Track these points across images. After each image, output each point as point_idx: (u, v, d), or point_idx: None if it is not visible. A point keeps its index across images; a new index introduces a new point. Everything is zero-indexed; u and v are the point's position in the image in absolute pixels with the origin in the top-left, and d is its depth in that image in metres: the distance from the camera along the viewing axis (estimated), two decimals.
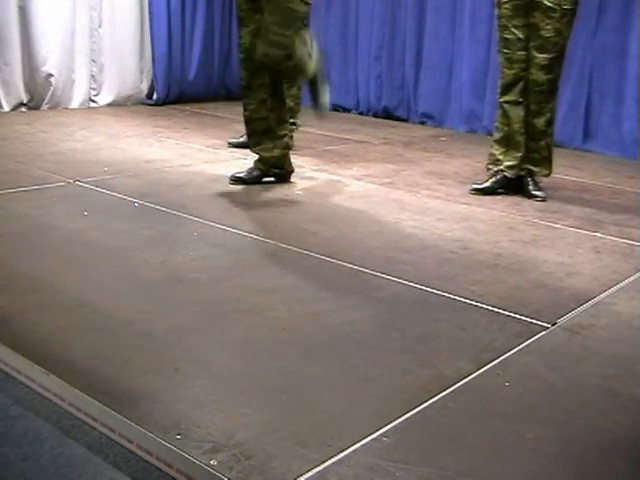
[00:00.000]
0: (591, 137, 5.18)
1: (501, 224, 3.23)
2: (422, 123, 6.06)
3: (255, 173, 3.72)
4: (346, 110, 6.49)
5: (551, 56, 3.48)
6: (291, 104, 4.52)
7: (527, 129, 3.63)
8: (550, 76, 3.52)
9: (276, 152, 3.69)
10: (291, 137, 4.59)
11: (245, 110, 3.68)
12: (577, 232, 3.15)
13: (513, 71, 3.56)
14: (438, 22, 5.89)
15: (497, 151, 3.70)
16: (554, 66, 3.52)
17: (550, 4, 3.41)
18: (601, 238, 3.08)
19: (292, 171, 3.80)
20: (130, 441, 1.50)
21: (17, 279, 2.34)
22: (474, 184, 3.75)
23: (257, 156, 3.73)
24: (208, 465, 1.43)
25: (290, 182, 3.77)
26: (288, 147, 3.79)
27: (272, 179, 3.74)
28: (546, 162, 3.68)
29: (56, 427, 1.56)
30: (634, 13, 4.84)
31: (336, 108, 6.54)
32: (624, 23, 4.92)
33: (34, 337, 1.94)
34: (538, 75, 3.52)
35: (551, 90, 3.57)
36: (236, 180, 3.69)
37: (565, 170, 4.32)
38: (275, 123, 3.67)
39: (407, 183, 3.89)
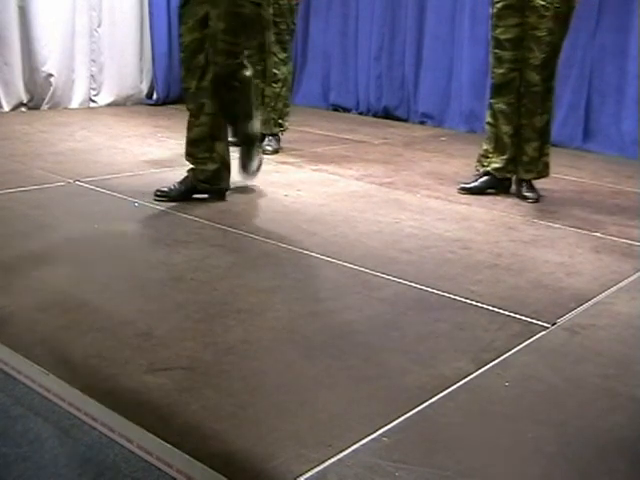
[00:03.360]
0: (591, 137, 5.18)
1: (501, 224, 3.23)
2: (422, 123, 6.06)
3: (182, 188, 3.32)
4: (346, 110, 6.48)
5: (544, 56, 3.45)
6: (280, 105, 4.52)
7: (520, 131, 3.61)
8: (544, 76, 3.49)
9: (210, 166, 3.31)
10: (278, 140, 4.58)
11: (190, 116, 3.32)
12: (577, 232, 3.15)
13: (502, 71, 3.54)
14: (438, 22, 5.89)
15: (486, 151, 3.69)
16: (548, 66, 3.49)
17: (543, 3, 3.39)
18: (601, 238, 3.08)
19: (227, 188, 3.41)
20: (130, 441, 1.50)
21: (17, 279, 2.34)
22: (462, 183, 3.74)
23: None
24: (208, 465, 1.43)
25: (225, 200, 3.37)
26: (225, 162, 3.37)
27: (204, 195, 3.36)
28: (538, 164, 3.62)
29: (56, 427, 1.56)
30: (634, 13, 4.83)
31: (336, 108, 6.55)
32: (624, 23, 4.92)
33: (34, 337, 1.94)
34: (532, 75, 3.49)
35: (547, 90, 3.54)
36: (160, 196, 3.28)
37: (565, 170, 4.32)
38: (214, 131, 3.30)
39: (407, 183, 3.89)
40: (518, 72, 3.53)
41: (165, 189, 3.31)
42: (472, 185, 3.71)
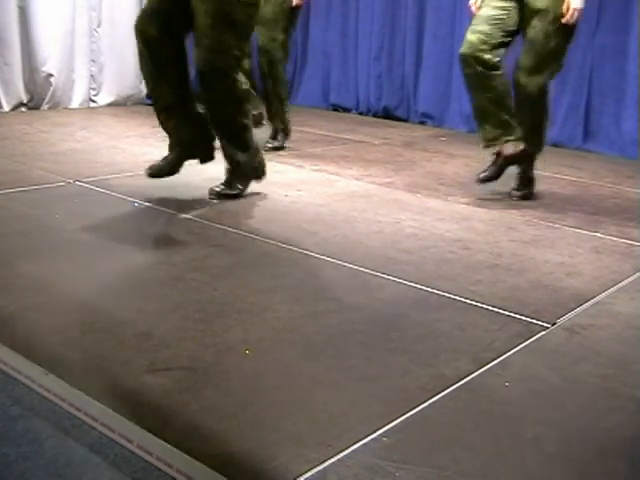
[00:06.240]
0: (591, 137, 5.18)
1: (501, 224, 3.23)
2: (422, 123, 6.06)
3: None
4: (346, 110, 6.48)
5: (538, 59, 3.35)
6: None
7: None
8: (534, 80, 3.37)
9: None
10: (284, 136, 4.59)
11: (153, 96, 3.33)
12: (577, 232, 3.15)
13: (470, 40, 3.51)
14: (438, 22, 5.89)
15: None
16: (540, 70, 3.37)
17: (542, 7, 3.33)
18: (601, 238, 3.08)
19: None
20: (130, 441, 1.50)
21: (17, 279, 2.34)
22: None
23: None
24: (208, 465, 1.43)
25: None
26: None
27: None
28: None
29: (56, 427, 1.56)
30: (634, 13, 4.84)
31: (336, 108, 6.55)
32: (624, 23, 4.92)
33: (34, 337, 1.94)
34: (521, 78, 3.38)
35: (536, 94, 3.39)
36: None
37: (565, 170, 4.33)
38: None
39: (407, 183, 3.89)
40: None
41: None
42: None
